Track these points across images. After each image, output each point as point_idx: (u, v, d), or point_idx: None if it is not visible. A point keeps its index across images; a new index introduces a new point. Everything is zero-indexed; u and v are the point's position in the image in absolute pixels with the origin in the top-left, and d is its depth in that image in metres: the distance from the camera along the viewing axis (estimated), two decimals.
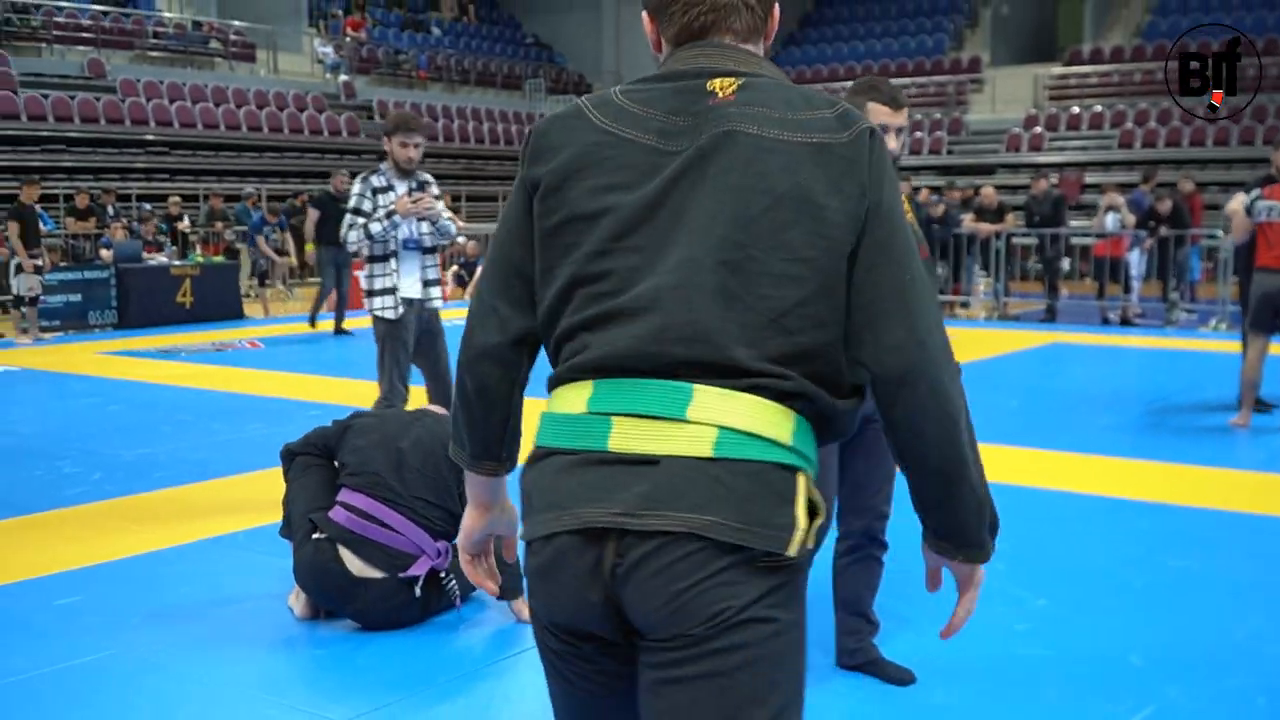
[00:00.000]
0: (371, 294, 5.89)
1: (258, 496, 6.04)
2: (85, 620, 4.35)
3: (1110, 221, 14.52)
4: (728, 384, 1.60)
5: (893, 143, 3.48)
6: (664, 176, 1.66)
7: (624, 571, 1.57)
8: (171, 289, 14.95)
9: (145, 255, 15.44)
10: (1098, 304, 14.85)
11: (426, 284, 5.98)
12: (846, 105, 1.72)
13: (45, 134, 19.60)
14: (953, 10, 30.77)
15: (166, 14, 25.02)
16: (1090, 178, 22.74)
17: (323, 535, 4.10)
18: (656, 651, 1.60)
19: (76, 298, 14.32)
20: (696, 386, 1.60)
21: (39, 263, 12.99)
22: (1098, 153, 24.27)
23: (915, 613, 4.26)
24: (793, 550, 1.59)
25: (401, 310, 5.90)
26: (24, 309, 13.13)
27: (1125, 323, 14.31)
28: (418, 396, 6.25)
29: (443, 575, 4.20)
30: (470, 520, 1.92)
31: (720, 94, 1.69)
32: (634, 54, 32.70)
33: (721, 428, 1.58)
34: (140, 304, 14.64)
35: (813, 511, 1.64)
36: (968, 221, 15.39)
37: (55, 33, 22.02)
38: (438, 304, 6.10)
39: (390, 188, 5.87)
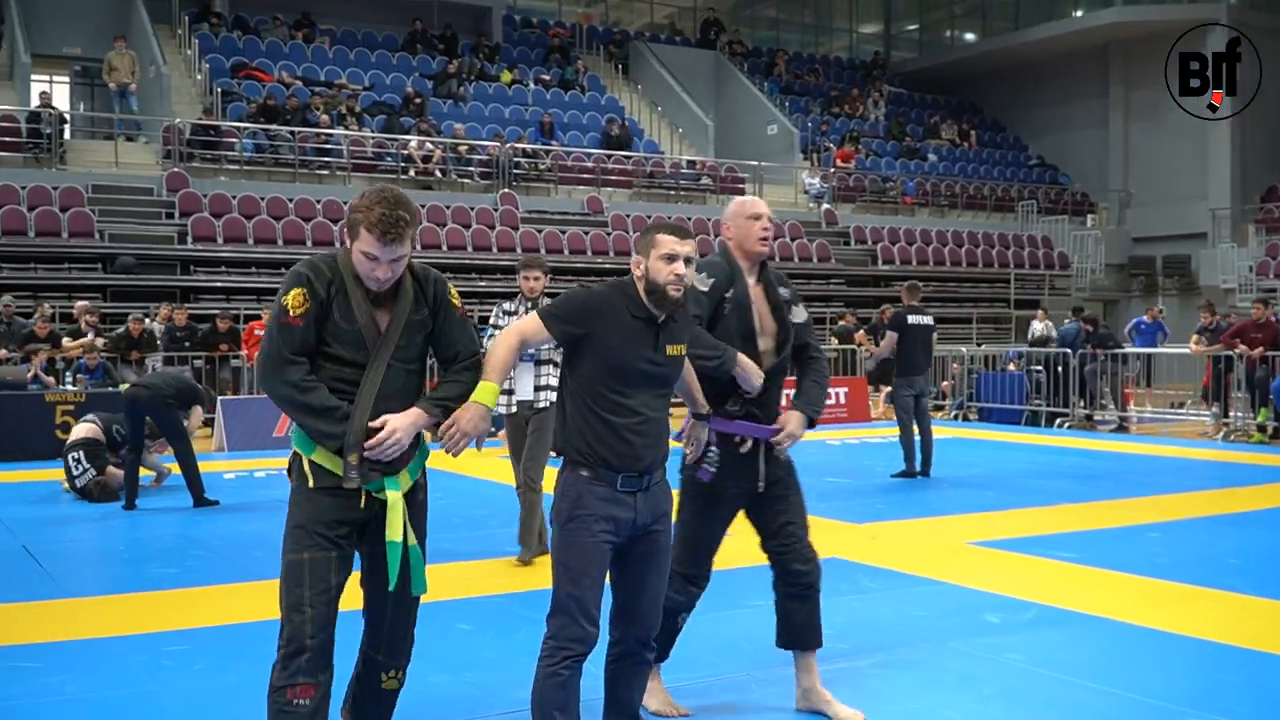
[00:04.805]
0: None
1: (441, 583, 6.89)
2: (165, 663, 5.35)
3: None
4: None
5: (682, 268, 3.76)
6: None
7: None
8: None
9: None
10: None
11: (537, 389, 7.12)
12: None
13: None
14: None
15: (667, 155, 27.41)
16: None
17: None
18: None
19: None
20: None
21: None
22: None
23: None
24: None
25: (515, 410, 7.14)
26: None
27: None
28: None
29: None
30: None
31: None
32: (1141, 171, 31.35)
33: None
34: None
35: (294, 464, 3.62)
36: None
37: (560, 174, 24.89)
38: (544, 405, 7.15)
39: (516, 312, 6.95)
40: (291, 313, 3.47)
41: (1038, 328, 21.53)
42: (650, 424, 3.78)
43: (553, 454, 3.99)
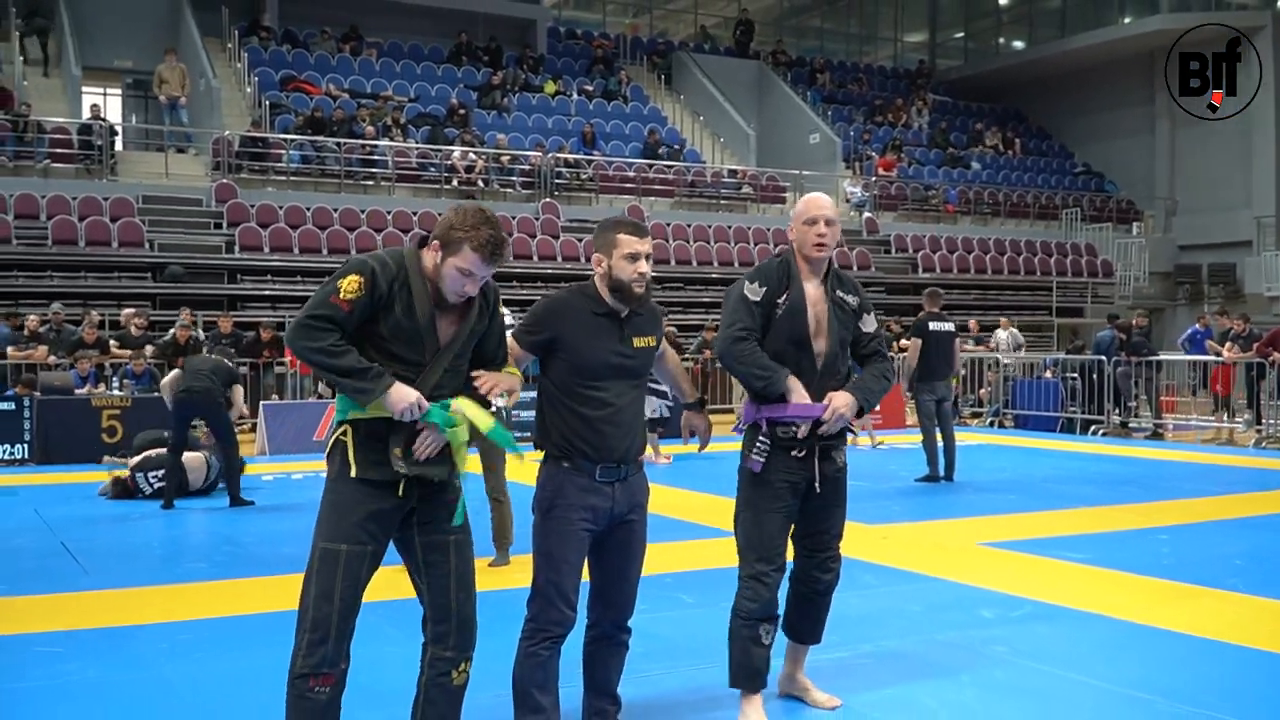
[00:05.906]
0: None
1: None
2: (180, 650, 5.62)
3: None
4: None
5: (644, 265, 3.96)
6: None
7: None
8: None
9: None
10: None
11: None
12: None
13: (571, 273, 22.26)
14: None
15: (708, 165, 27.59)
16: None
17: None
18: None
19: None
20: None
21: None
22: None
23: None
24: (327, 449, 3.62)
25: None
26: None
27: None
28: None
29: None
30: None
31: None
32: (1189, 179, 31.14)
33: None
34: None
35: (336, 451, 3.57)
36: None
37: (602, 184, 25.13)
38: (500, 403, 7.20)
39: None
40: (342, 295, 3.44)
41: (1002, 336, 21.53)
42: (623, 415, 3.98)
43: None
